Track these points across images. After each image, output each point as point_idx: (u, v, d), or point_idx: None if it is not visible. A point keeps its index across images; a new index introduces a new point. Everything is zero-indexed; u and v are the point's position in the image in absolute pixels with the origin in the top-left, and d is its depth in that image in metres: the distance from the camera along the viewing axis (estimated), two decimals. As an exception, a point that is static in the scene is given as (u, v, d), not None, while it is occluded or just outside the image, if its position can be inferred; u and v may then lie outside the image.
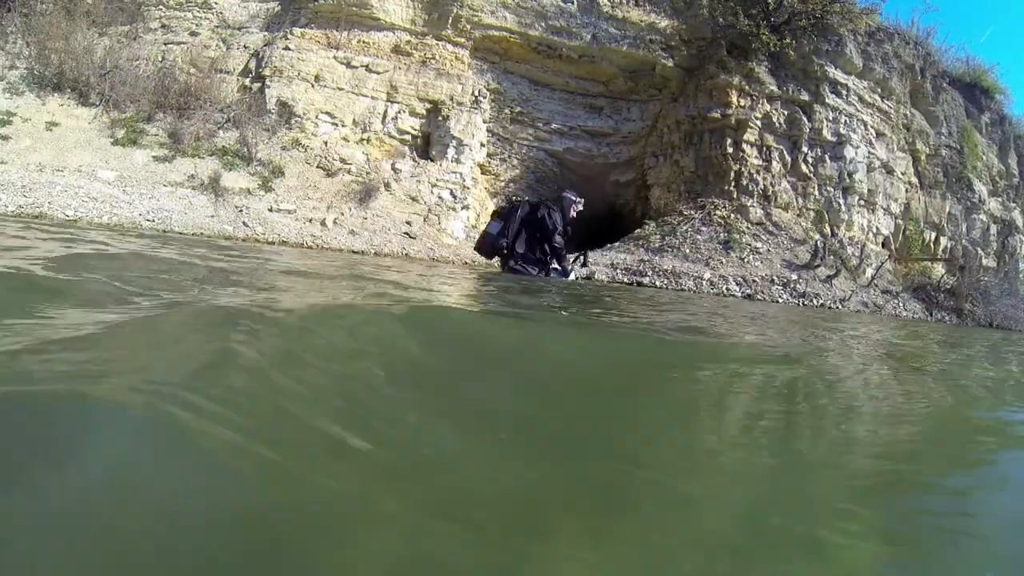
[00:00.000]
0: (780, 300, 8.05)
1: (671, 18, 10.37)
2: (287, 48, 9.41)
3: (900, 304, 9.05)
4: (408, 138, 9.79)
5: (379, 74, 9.68)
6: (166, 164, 7.74)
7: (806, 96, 10.07)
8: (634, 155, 11.08)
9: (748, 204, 9.70)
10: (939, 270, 10.75)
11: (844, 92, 10.26)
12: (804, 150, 10.00)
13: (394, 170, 9.32)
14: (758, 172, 9.87)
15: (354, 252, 7.20)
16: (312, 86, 9.36)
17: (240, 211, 7.40)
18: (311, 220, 7.82)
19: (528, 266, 5.29)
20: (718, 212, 9.66)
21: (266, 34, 9.67)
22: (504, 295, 2.88)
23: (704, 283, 8.24)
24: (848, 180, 10.08)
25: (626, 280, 8.13)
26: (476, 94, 10.05)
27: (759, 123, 9.91)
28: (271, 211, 7.67)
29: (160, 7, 9.66)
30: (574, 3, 10.14)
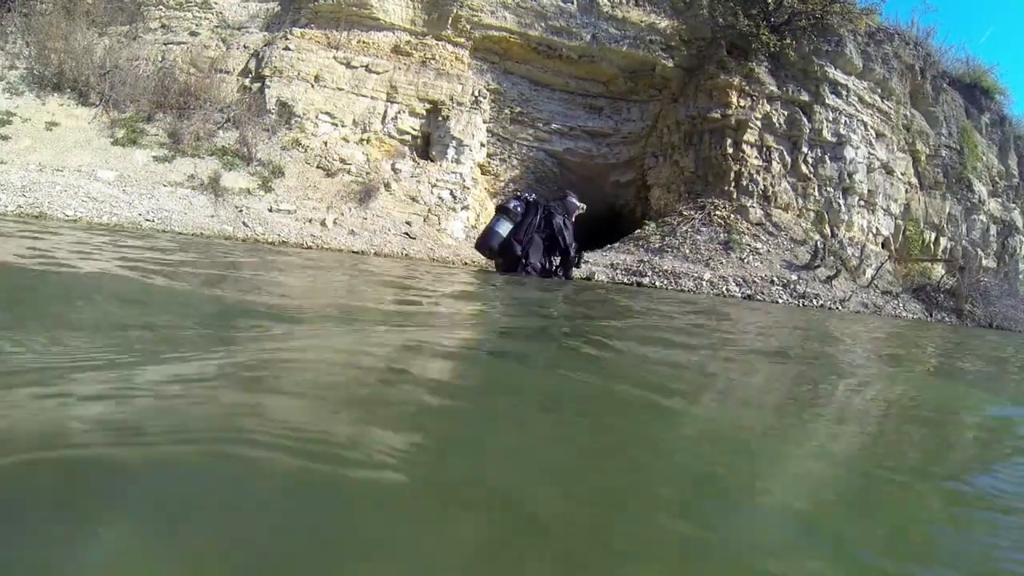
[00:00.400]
0: (780, 301, 8.04)
1: (671, 18, 10.37)
2: (287, 48, 9.41)
3: (900, 305, 9.04)
4: (408, 138, 9.79)
5: (379, 74, 9.68)
6: (166, 164, 7.74)
7: (806, 96, 10.07)
8: (634, 155, 11.09)
9: (748, 204, 9.70)
10: (939, 271, 10.75)
11: (844, 92, 10.26)
12: (804, 150, 10.00)
13: (394, 170, 9.32)
14: (758, 172, 9.87)
15: (354, 252, 7.20)
16: (312, 86, 9.36)
17: (240, 211, 7.39)
18: (311, 220, 7.81)
19: (534, 273, 5.31)
20: (718, 212, 9.66)
21: (266, 34, 9.67)
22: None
23: (704, 283, 8.23)
24: (848, 180, 10.08)
25: (626, 280, 8.12)
26: (476, 94, 10.05)
27: (759, 123, 9.91)
28: (271, 211, 7.67)
29: (160, 7, 9.66)
30: (574, 3, 10.14)
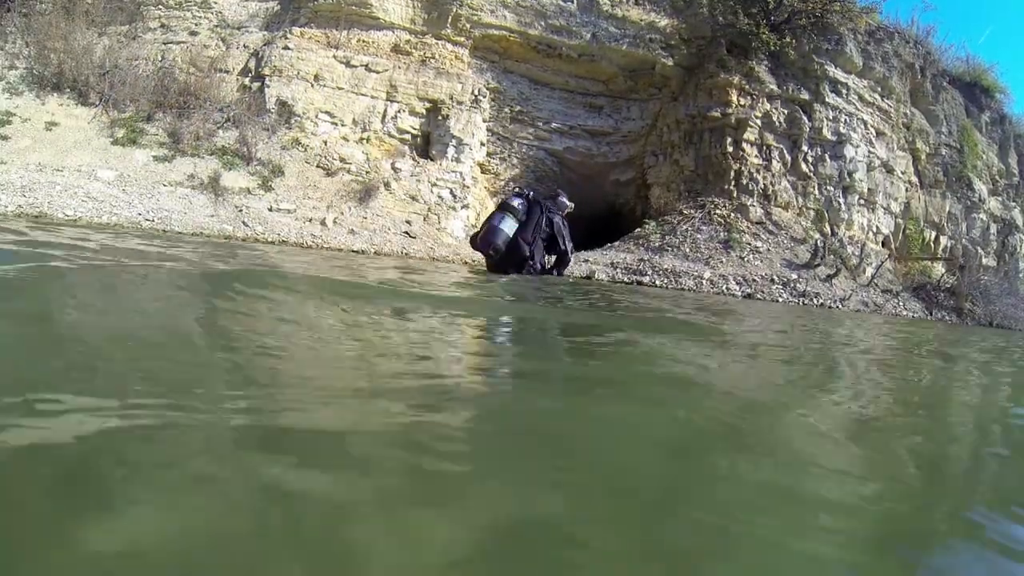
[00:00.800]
0: (780, 299, 8.04)
1: (671, 17, 10.36)
2: (287, 47, 9.40)
3: (900, 303, 9.04)
4: (408, 137, 9.78)
5: (379, 73, 9.67)
6: (166, 164, 7.74)
7: (806, 95, 10.06)
8: (634, 154, 11.08)
9: (748, 203, 9.70)
10: (939, 269, 10.74)
11: (844, 91, 10.25)
12: (804, 149, 9.99)
13: (394, 169, 9.31)
14: (758, 171, 9.87)
15: (354, 251, 7.20)
16: (312, 85, 9.35)
17: (240, 211, 7.40)
18: (311, 219, 7.81)
19: (534, 273, 5.26)
20: (718, 211, 9.66)
21: (266, 33, 9.66)
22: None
23: (704, 282, 8.23)
24: (848, 179, 10.08)
25: (626, 279, 8.13)
26: (476, 93, 10.04)
27: (759, 122, 9.90)
28: (271, 211, 7.67)
29: (159, 7, 9.65)
30: (574, 2, 10.13)
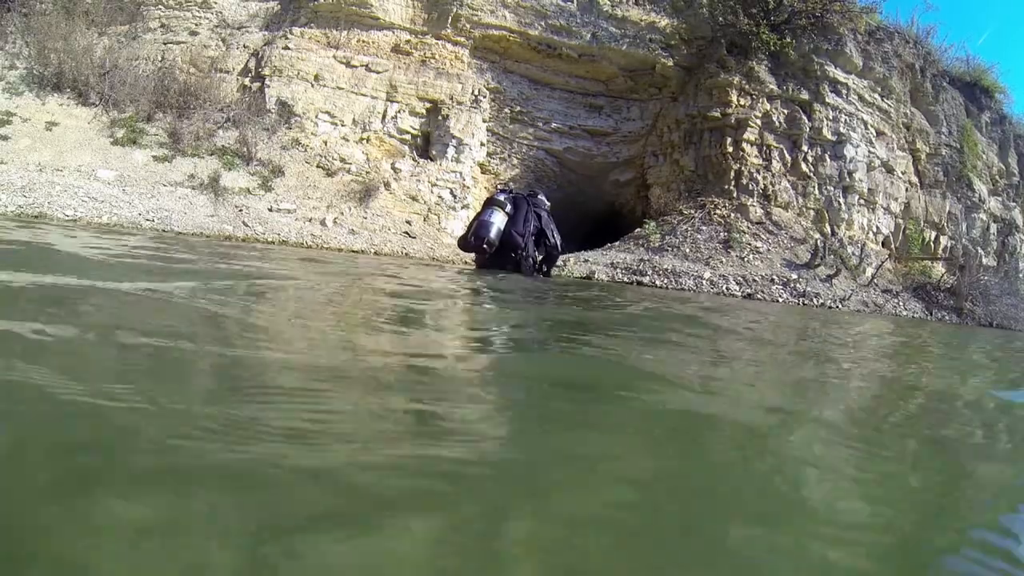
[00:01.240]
0: (780, 300, 8.04)
1: (671, 17, 10.36)
2: (287, 48, 9.40)
3: (900, 303, 9.04)
4: (408, 137, 9.78)
5: (379, 73, 9.67)
6: (166, 164, 7.74)
7: (806, 95, 10.06)
8: (634, 154, 11.08)
9: (748, 203, 9.70)
10: (939, 269, 10.73)
11: (844, 91, 10.25)
12: (804, 149, 9.99)
13: (394, 169, 9.31)
14: (758, 171, 9.87)
15: (354, 251, 7.20)
16: (312, 86, 9.35)
17: (240, 211, 7.39)
18: (311, 219, 7.81)
19: (526, 269, 5.19)
20: (718, 211, 9.66)
21: (266, 33, 9.66)
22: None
23: (704, 282, 8.23)
24: (848, 179, 10.08)
25: (626, 279, 8.13)
26: (476, 93, 10.04)
27: (759, 122, 9.90)
28: (271, 211, 7.67)
29: (159, 7, 9.65)
30: (574, 2, 10.13)
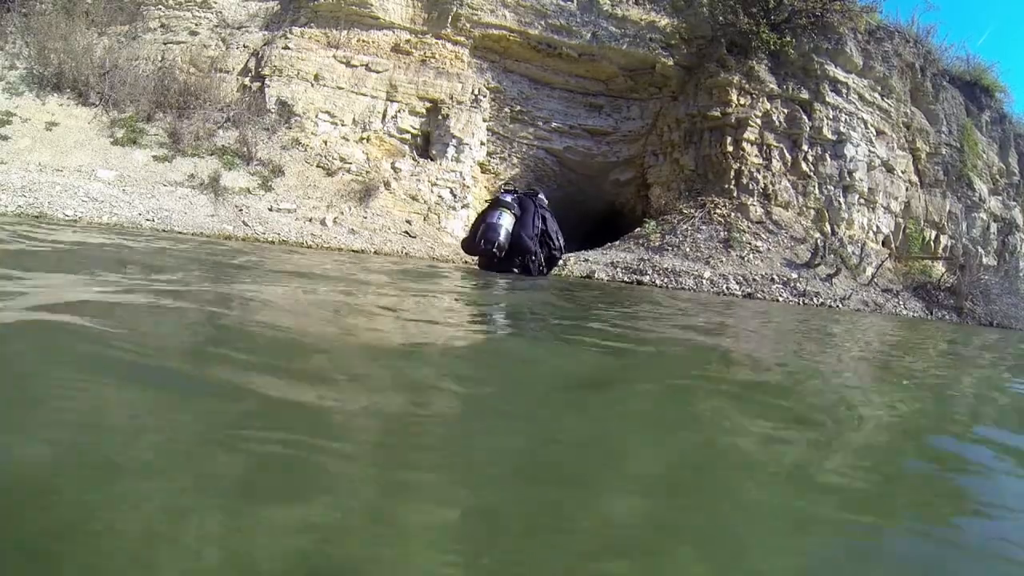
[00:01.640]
0: (780, 299, 8.04)
1: (671, 16, 10.36)
2: (287, 47, 9.40)
3: (900, 303, 9.04)
4: (408, 137, 9.78)
5: (379, 73, 9.67)
6: (166, 164, 7.74)
7: (806, 94, 10.06)
8: (634, 154, 11.08)
9: (748, 203, 9.69)
10: (939, 269, 10.73)
11: (844, 90, 10.25)
12: (804, 148, 9.99)
13: (394, 169, 9.31)
14: (758, 171, 9.86)
15: (354, 251, 7.20)
16: (312, 85, 9.35)
17: (240, 210, 7.40)
18: (311, 219, 7.81)
19: (533, 269, 5.08)
20: (718, 211, 9.65)
21: (266, 33, 9.66)
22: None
23: (704, 282, 8.23)
24: (848, 179, 10.07)
25: (626, 279, 8.13)
26: (476, 93, 10.04)
27: (759, 121, 9.89)
28: (271, 210, 7.67)
29: (159, 7, 9.65)
30: (574, 2, 10.13)
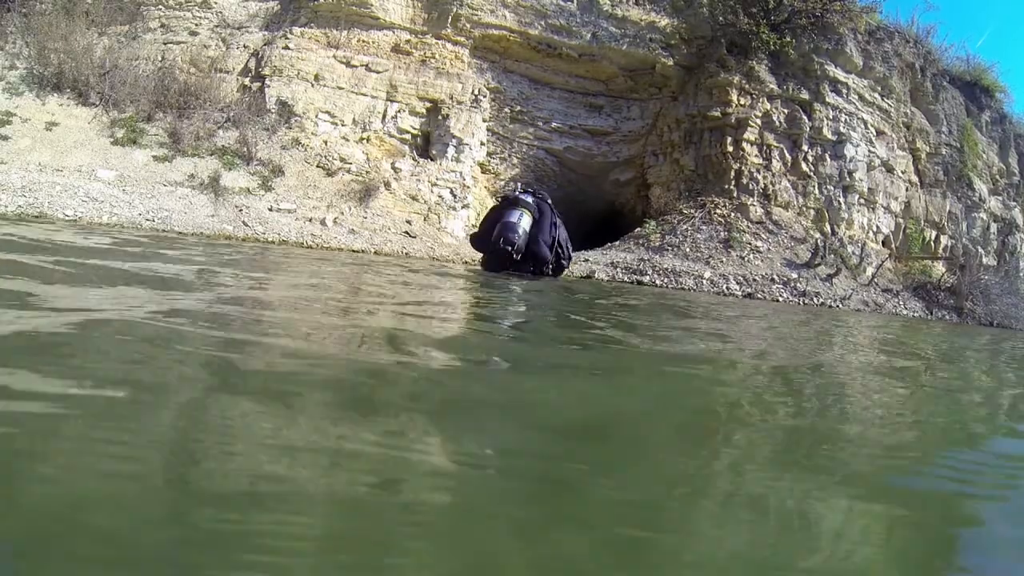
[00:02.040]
0: (780, 299, 8.04)
1: (671, 17, 10.37)
2: (287, 47, 9.40)
3: (900, 303, 9.04)
4: (408, 137, 9.78)
5: (379, 73, 9.67)
6: (166, 164, 7.74)
7: (806, 95, 10.06)
8: (634, 154, 11.08)
9: (748, 203, 9.70)
10: (939, 269, 10.74)
11: (844, 90, 10.25)
12: (804, 148, 9.99)
13: (394, 169, 9.31)
14: (758, 171, 9.87)
15: (354, 251, 7.20)
16: (312, 85, 9.35)
17: (240, 211, 7.39)
18: (311, 219, 7.81)
19: (541, 273, 5.13)
20: (718, 211, 9.66)
21: (266, 33, 9.66)
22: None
23: (704, 282, 8.23)
24: (848, 179, 10.08)
25: (626, 279, 8.13)
26: (476, 93, 10.04)
27: (759, 122, 9.90)
28: (271, 210, 7.66)
29: (160, 7, 9.65)
30: (574, 2, 10.13)
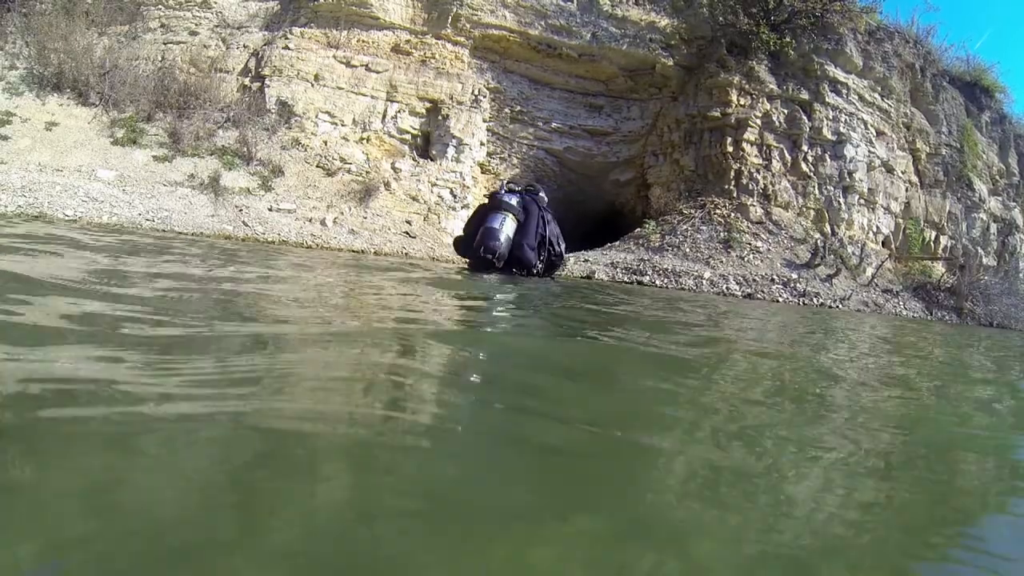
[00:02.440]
0: (780, 299, 8.04)
1: (671, 17, 10.37)
2: (287, 47, 9.40)
3: (900, 303, 9.04)
4: (408, 137, 9.78)
5: (379, 73, 9.67)
6: (166, 164, 7.74)
7: (806, 95, 10.06)
8: (634, 154, 11.08)
9: (748, 203, 9.70)
10: (939, 269, 10.74)
11: (844, 91, 10.25)
12: (804, 149, 9.99)
13: (394, 169, 9.31)
14: (758, 171, 9.87)
15: (354, 251, 7.20)
16: (312, 85, 9.35)
17: (240, 211, 7.39)
18: (311, 219, 7.81)
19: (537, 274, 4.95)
20: (718, 211, 9.66)
21: (266, 33, 9.66)
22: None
23: (704, 282, 8.23)
24: (848, 179, 10.08)
25: (626, 279, 8.13)
26: (476, 93, 10.04)
27: (759, 122, 9.90)
28: (271, 210, 7.66)
29: (160, 7, 9.65)
30: (574, 2, 10.13)
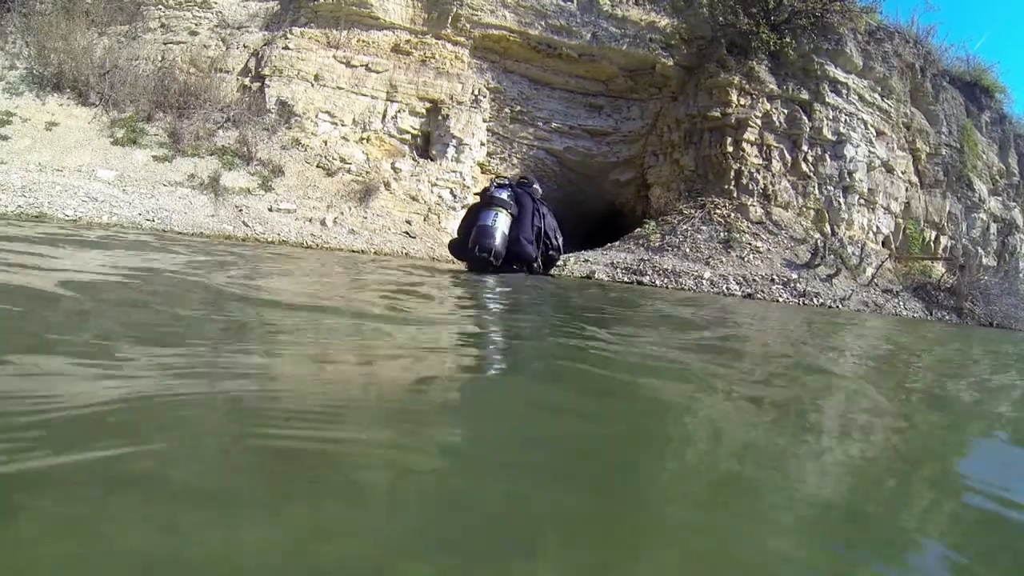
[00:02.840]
0: (780, 299, 8.04)
1: (671, 17, 10.37)
2: (287, 47, 9.40)
3: (900, 303, 9.04)
4: (408, 137, 9.78)
5: (379, 73, 9.67)
6: (166, 164, 7.74)
7: (806, 95, 10.06)
8: (634, 154, 11.08)
9: (748, 203, 9.70)
10: (939, 269, 10.74)
11: (844, 91, 10.25)
12: (804, 149, 9.99)
13: (394, 169, 9.31)
14: (758, 171, 9.87)
15: (354, 251, 7.20)
16: (312, 85, 9.35)
17: (240, 211, 7.39)
18: (311, 219, 7.81)
19: (535, 272, 4.76)
20: (718, 211, 9.66)
21: (266, 33, 9.66)
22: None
23: (704, 282, 8.23)
24: (848, 179, 10.08)
25: (626, 279, 8.13)
26: (476, 93, 10.04)
27: (759, 122, 9.90)
28: (271, 210, 7.66)
29: (159, 7, 9.65)
30: (574, 2, 10.13)
